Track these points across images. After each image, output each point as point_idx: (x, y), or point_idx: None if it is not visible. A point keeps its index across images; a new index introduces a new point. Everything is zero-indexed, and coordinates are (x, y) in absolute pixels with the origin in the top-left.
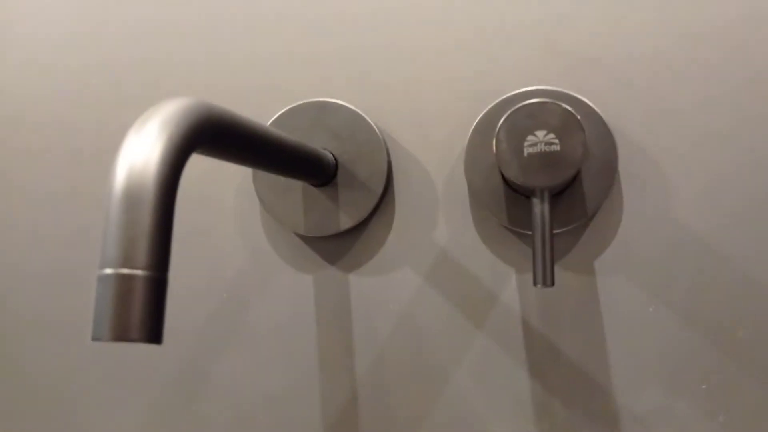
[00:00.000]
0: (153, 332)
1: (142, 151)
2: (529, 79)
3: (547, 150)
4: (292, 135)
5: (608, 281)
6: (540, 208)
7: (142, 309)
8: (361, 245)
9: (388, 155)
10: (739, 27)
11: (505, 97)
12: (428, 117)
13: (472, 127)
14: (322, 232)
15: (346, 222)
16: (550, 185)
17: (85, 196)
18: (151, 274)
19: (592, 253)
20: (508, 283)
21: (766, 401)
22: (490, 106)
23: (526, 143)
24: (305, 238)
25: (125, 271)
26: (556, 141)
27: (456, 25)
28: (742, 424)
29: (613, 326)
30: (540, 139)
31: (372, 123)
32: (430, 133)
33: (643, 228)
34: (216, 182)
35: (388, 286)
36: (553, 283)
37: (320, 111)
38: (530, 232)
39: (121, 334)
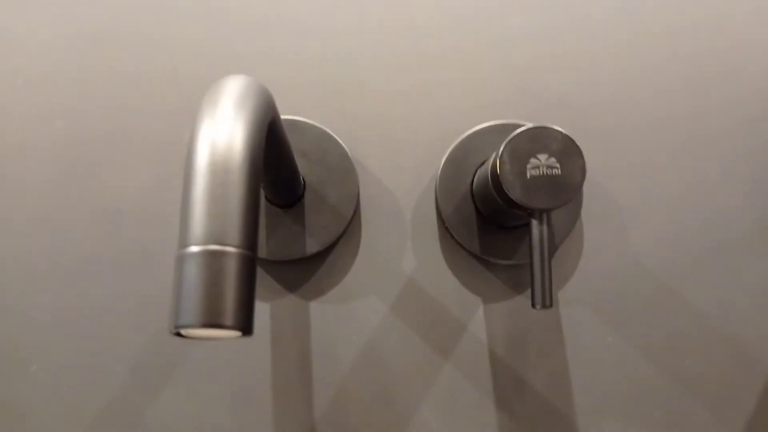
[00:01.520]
0: (245, 320)
1: (223, 127)
2: (500, 115)
3: (549, 173)
4: None
5: (571, 312)
6: (539, 230)
7: (236, 290)
8: (324, 272)
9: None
10: (699, 76)
11: (477, 129)
12: (399, 145)
13: (445, 157)
14: (286, 256)
15: (312, 246)
16: (552, 207)
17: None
18: (244, 252)
19: (556, 286)
20: (475, 313)
21: (712, 426)
22: (462, 136)
23: (528, 165)
24: (262, 263)
25: (215, 247)
26: (557, 165)
27: (432, 58)
28: None
29: (575, 356)
30: (542, 162)
31: (343, 145)
32: (400, 161)
33: (602, 263)
34: (160, 198)
35: (352, 316)
36: (551, 305)
37: (290, 129)
38: (502, 261)
39: (212, 319)
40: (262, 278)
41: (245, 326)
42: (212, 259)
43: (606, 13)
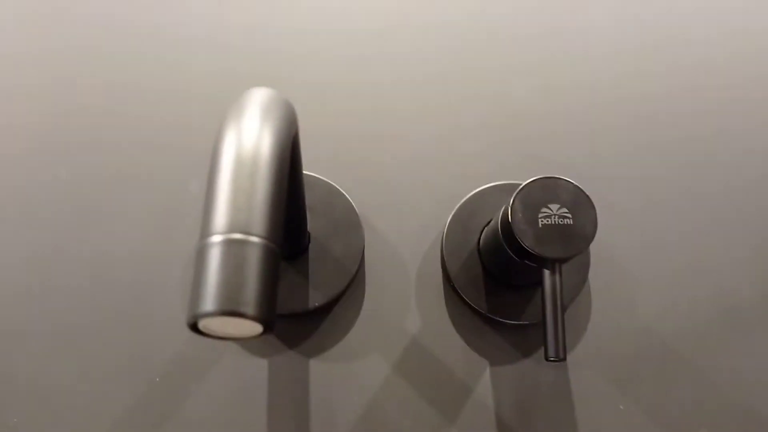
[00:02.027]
0: (267, 312)
1: (251, 124)
2: (504, 176)
3: (561, 223)
4: None
5: (580, 377)
6: (552, 280)
7: (259, 280)
8: (326, 328)
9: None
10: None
11: (483, 188)
12: (404, 204)
13: (451, 215)
14: (288, 308)
15: (315, 299)
16: (565, 257)
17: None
18: (268, 244)
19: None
20: (481, 375)
21: None
22: (468, 195)
23: (540, 214)
24: None
25: (238, 236)
26: (569, 215)
27: (439, 118)
28: None
29: (586, 424)
30: (554, 212)
31: (349, 199)
32: (406, 220)
33: (611, 328)
34: (160, 248)
35: (353, 375)
36: (565, 356)
37: None
38: (510, 321)
39: (232, 306)
40: None
41: (267, 318)
42: (235, 247)
43: (610, 78)
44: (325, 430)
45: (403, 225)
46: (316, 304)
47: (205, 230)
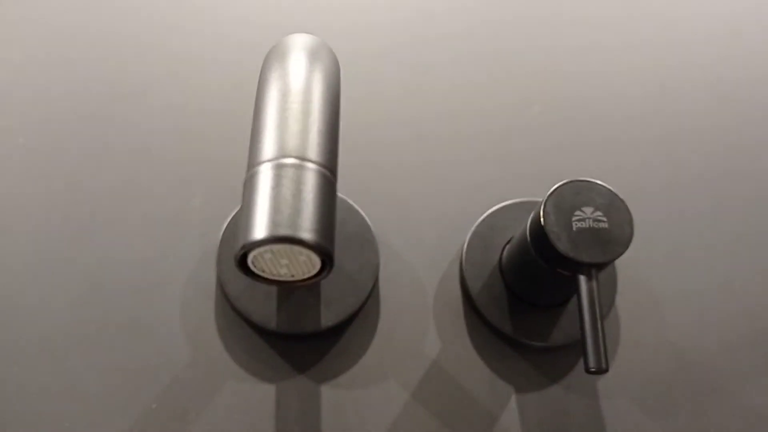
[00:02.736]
0: (328, 241)
1: (301, 59)
2: (523, 193)
3: (596, 227)
4: None
5: (612, 405)
6: (589, 286)
7: (317, 205)
8: (338, 351)
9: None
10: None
11: (502, 205)
12: (421, 221)
13: (471, 233)
14: (298, 329)
15: (328, 319)
16: (602, 262)
17: None
18: (325, 171)
19: (594, 375)
20: (507, 403)
21: None
22: (487, 213)
23: (574, 218)
24: (269, 340)
25: (293, 161)
26: (604, 219)
27: (459, 131)
28: None
29: None
30: (588, 215)
31: (364, 215)
32: (423, 238)
33: (642, 350)
34: (164, 267)
35: (368, 403)
36: (608, 368)
37: None
38: (536, 344)
39: (288, 231)
40: (270, 356)
41: (327, 249)
42: (290, 171)
43: (633, 92)
44: None
45: (421, 243)
46: (329, 324)
47: (254, 159)
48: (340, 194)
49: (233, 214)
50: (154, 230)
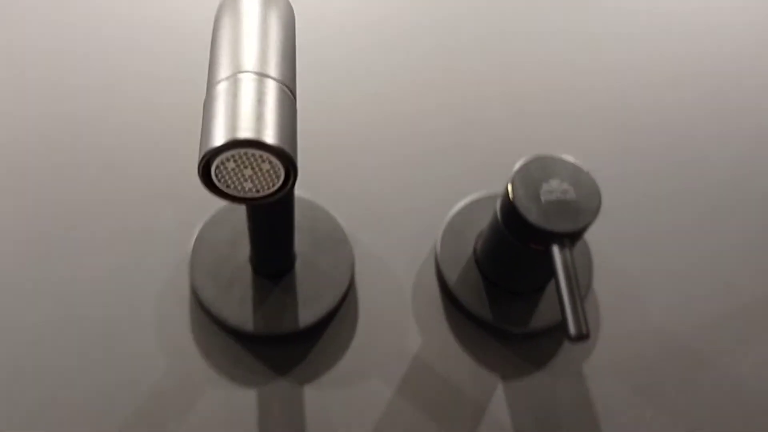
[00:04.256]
0: (289, 146)
1: (255, 2)
2: (493, 184)
3: (564, 198)
4: (243, 223)
5: (599, 385)
6: (562, 256)
7: (278, 113)
8: (319, 351)
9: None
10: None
11: (472, 198)
12: (392, 218)
13: (444, 226)
14: (277, 329)
15: (306, 318)
16: (572, 230)
17: None
18: (284, 87)
19: (579, 358)
20: (493, 392)
21: None
22: (459, 206)
23: (542, 190)
24: (247, 344)
25: (253, 75)
26: (571, 190)
27: (426, 126)
28: None
29: None
30: (555, 188)
31: (334, 215)
32: (395, 234)
33: (623, 332)
34: (136, 277)
35: (352, 402)
36: (589, 334)
37: None
38: (517, 329)
39: (249, 133)
40: (250, 361)
41: (289, 154)
42: (251, 82)
43: (602, 81)
44: None
45: (394, 239)
46: (307, 323)
47: (213, 77)
48: (308, 197)
49: (204, 223)
50: (125, 243)
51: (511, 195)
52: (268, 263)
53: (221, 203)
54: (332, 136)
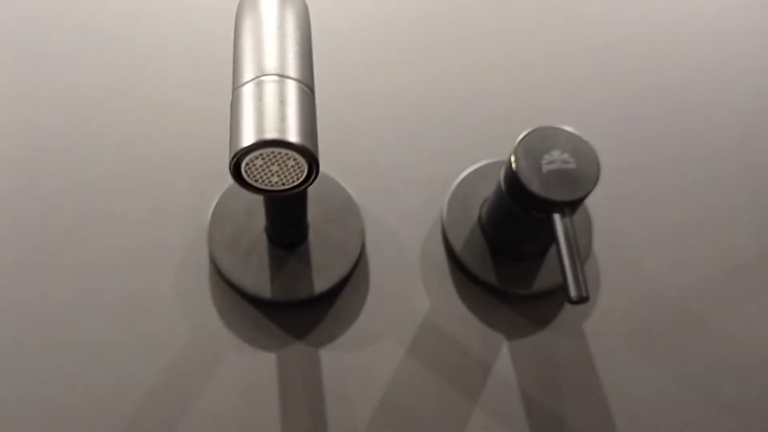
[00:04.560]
0: (311, 144)
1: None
2: (496, 153)
3: (565, 167)
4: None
5: (599, 344)
6: (563, 223)
7: (299, 113)
8: (333, 316)
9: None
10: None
11: (476, 167)
12: (399, 187)
13: (449, 194)
14: (293, 296)
15: (320, 285)
16: (572, 199)
17: None
18: (303, 86)
19: (579, 319)
20: (499, 350)
21: None
22: (464, 174)
23: (543, 161)
24: (265, 310)
25: (274, 77)
26: (572, 160)
27: (431, 96)
28: None
29: (612, 390)
30: (556, 158)
31: (345, 186)
32: (402, 203)
33: (622, 293)
34: (156, 248)
35: (366, 362)
36: (588, 296)
37: None
38: (520, 291)
39: (275, 134)
40: (268, 326)
41: (311, 150)
42: (272, 86)
43: (602, 50)
44: (340, 420)
45: (402, 208)
46: (322, 289)
47: (237, 82)
48: (320, 170)
49: (220, 196)
50: (145, 217)
51: (514, 165)
52: (283, 236)
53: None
54: (341, 110)
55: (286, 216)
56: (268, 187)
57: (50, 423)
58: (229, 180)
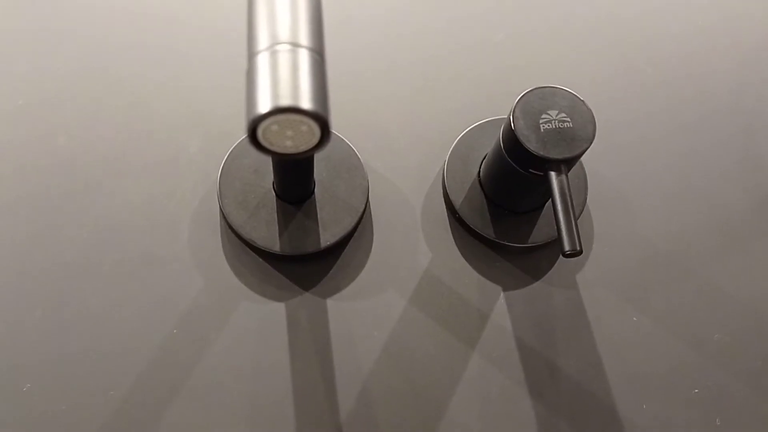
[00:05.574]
0: (324, 110)
1: None
2: (498, 112)
3: (561, 126)
4: None
5: (592, 295)
6: (559, 180)
7: (311, 80)
8: (339, 269)
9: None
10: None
11: (477, 124)
12: (402, 144)
13: (450, 151)
14: (301, 250)
15: (327, 239)
16: (568, 157)
17: None
18: (315, 54)
19: (573, 271)
20: (496, 301)
21: (754, 402)
22: (465, 131)
23: (541, 120)
24: (274, 263)
25: (287, 46)
26: (568, 119)
27: (429, 59)
28: (738, 428)
29: (603, 338)
30: (553, 117)
31: (349, 143)
32: (405, 160)
33: (615, 245)
34: (170, 205)
35: (371, 312)
36: (581, 249)
37: None
38: (517, 245)
39: (289, 101)
40: (277, 278)
41: (324, 116)
42: (287, 54)
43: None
44: (348, 366)
45: (405, 165)
46: (328, 243)
47: (252, 51)
48: None
49: (228, 152)
50: (156, 174)
51: (512, 125)
52: (291, 193)
53: (244, 135)
54: (345, 68)
55: (295, 175)
56: (283, 151)
57: (69, 368)
58: (237, 139)
